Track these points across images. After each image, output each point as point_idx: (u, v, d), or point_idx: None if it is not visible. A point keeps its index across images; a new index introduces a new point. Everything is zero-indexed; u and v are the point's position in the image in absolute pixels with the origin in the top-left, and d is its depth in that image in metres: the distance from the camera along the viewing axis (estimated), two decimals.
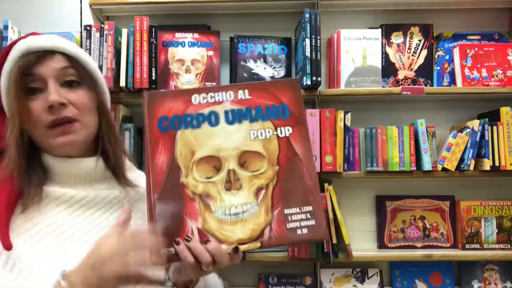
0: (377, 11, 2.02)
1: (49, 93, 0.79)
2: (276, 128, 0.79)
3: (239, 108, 0.78)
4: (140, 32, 1.79)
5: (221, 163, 0.75)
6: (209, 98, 0.78)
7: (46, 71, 0.80)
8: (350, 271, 1.95)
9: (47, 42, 0.83)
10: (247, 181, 0.75)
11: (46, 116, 0.79)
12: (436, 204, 1.98)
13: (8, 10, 1.85)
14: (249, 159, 0.75)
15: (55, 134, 0.79)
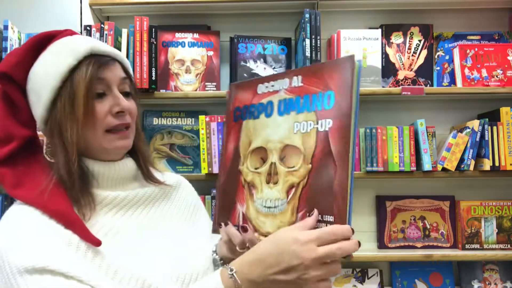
0: (377, 11, 2.02)
1: (119, 98, 0.83)
2: (317, 120, 0.70)
3: (290, 97, 0.75)
4: (140, 32, 1.79)
5: (267, 155, 0.76)
6: (270, 87, 0.78)
7: (112, 77, 0.84)
8: (350, 271, 1.95)
9: (111, 49, 0.87)
10: (282, 177, 0.74)
11: (111, 119, 0.82)
12: (436, 204, 1.98)
13: (8, 10, 1.85)
14: (288, 154, 0.74)
15: (113, 138, 0.83)
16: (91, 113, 0.81)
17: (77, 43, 0.83)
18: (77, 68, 0.81)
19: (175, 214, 0.93)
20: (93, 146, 0.83)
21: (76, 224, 0.75)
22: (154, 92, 1.82)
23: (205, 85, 1.89)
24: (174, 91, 1.87)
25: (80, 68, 0.81)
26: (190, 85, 1.88)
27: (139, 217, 0.86)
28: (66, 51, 0.82)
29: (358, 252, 1.97)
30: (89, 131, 0.81)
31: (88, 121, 0.81)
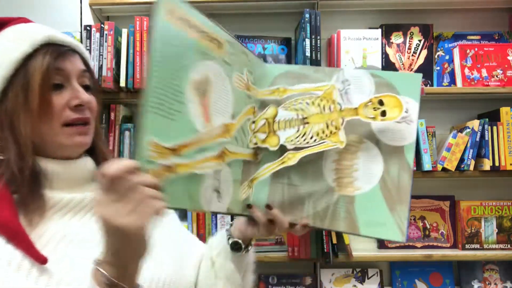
0: (377, 11, 2.02)
1: (78, 91, 0.77)
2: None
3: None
4: (140, 32, 1.79)
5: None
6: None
7: (71, 68, 0.78)
8: (350, 271, 1.95)
9: (70, 39, 0.81)
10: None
11: (69, 113, 0.76)
12: (436, 204, 1.98)
13: (8, 10, 1.85)
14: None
15: (72, 132, 0.76)
16: (47, 105, 0.74)
17: (33, 31, 0.77)
18: (32, 57, 0.74)
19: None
20: (48, 142, 0.76)
21: (19, 238, 0.65)
22: None
23: None
24: None
25: (36, 57, 0.74)
26: None
27: (91, 220, 0.76)
28: (21, 38, 0.76)
29: (358, 252, 1.99)
30: (44, 125, 0.74)
31: (43, 114, 0.74)
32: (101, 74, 1.76)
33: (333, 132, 0.72)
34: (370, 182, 0.72)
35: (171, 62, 0.59)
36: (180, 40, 0.60)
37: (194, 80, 0.62)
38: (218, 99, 0.67)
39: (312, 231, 1.81)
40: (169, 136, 0.59)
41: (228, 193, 0.71)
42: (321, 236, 1.78)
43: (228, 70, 0.69)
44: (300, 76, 0.76)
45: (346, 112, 0.73)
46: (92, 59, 1.77)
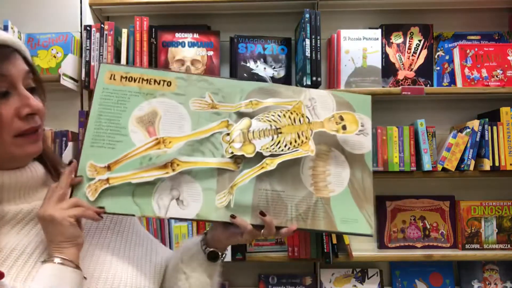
0: (377, 11, 2.02)
1: (27, 98, 0.71)
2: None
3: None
4: (140, 32, 1.79)
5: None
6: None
7: (15, 72, 0.71)
8: (350, 271, 1.95)
9: (8, 36, 0.72)
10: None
11: (21, 124, 0.70)
12: (436, 204, 1.98)
13: (8, 10, 1.85)
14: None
15: (24, 142, 0.72)
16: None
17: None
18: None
19: (97, 225, 0.81)
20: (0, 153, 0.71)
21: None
22: None
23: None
24: None
25: None
26: None
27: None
28: None
29: (358, 252, 1.99)
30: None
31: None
32: None
33: (304, 142, 0.83)
34: (341, 185, 0.83)
35: (110, 111, 0.79)
36: (121, 93, 0.80)
37: (137, 116, 0.79)
38: (170, 123, 0.80)
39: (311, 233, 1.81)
40: (106, 159, 0.77)
41: (196, 201, 0.79)
42: (321, 236, 1.78)
43: (181, 99, 0.82)
44: (272, 92, 0.85)
45: (314, 125, 0.84)
46: (92, 59, 1.77)
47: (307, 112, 0.84)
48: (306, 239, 1.81)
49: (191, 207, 0.78)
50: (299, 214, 0.81)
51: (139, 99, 0.80)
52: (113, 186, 0.76)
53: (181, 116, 0.81)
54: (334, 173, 0.83)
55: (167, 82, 0.81)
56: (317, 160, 0.83)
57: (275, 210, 0.80)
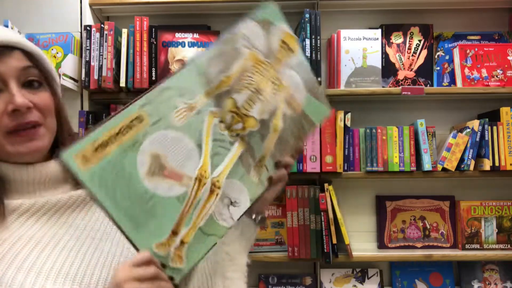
0: (377, 11, 2.02)
1: (13, 95, 0.71)
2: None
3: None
4: (140, 32, 1.79)
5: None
6: None
7: (6, 70, 0.71)
8: (350, 271, 1.95)
9: (5, 36, 0.73)
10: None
11: (8, 120, 0.71)
12: (436, 204, 1.98)
13: (8, 10, 1.85)
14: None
15: (16, 140, 0.72)
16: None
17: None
18: None
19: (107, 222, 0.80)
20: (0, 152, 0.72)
21: None
22: None
23: None
24: None
25: None
26: None
27: (58, 223, 0.75)
28: None
29: (358, 252, 1.99)
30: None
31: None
32: (101, 74, 1.76)
33: (279, 84, 0.84)
34: (303, 94, 0.88)
35: (118, 191, 0.66)
36: (110, 167, 0.66)
37: (145, 172, 0.68)
38: (176, 154, 0.72)
39: (312, 229, 1.81)
40: (161, 229, 0.69)
41: (243, 192, 0.80)
42: (321, 236, 1.78)
43: (164, 124, 0.71)
44: (223, 55, 0.78)
45: (275, 64, 0.84)
46: (92, 59, 1.77)
47: (260, 55, 0.83)
48: (306, 239, 1.81)
49: (243, 200, 0.80)
50: (295, 135, 0.88)
51: (131, 156, 0.68)
52: (190, 241, 0.72)
53: (178, 140, 0.72)
54: (293, 88, 0.87)
55: (137, 118, 0.69)
56: (279, 91, 0.87)
57: (285, 148, 0.86)
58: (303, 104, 0.89)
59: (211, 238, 0.75)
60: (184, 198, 0.71)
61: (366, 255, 1.85)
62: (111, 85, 1.76)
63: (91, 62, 1.77)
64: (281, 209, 1.92)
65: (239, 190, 0.79)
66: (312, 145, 1.79)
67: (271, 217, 1.92)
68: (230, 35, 0.79)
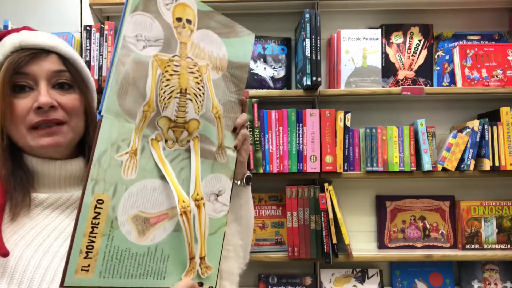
0: (377, 11, 2.02)
1: (39, 93, 0.77)
2: None
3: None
4: None
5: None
6: None
7: (39, 71, 0.78)
8: (350, 271, 1.95)
9: (43, 40, 0.80)
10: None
11: (33, 116, 0.77)
12: (436, 204, 1.98)
13: (8, 10, 1.85)
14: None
15: (37, 135, 0.78)
16: (10, 109, 0.76)
17: (12, 38, 0.79)
18: (3, 64, 0.78)
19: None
20: (22, 144, 0.79)
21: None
22: None
23: None
24: None
25: (4, 63, 0.78)
26: None
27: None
28: (3, 47, 0.79)
29: (358, 252, 1.99)
30: (13, 128, 0.78)
31: (9, 118, 0.77)
32: (101, 74, 1.76)
33: (199, 68, 0.78)
34: (219, 45, 0.82)
35: (125, 268, 0.68)
36: (105, 260, 0.66)
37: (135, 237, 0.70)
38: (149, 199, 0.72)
39: (312, 229, 1.81)
40: (182, 264, 0.75)
41: (221, 179, 0.83)
42: (321, 236, 1.78)
43: (121, 188, 0.69)
44: (128, 79, 0.70)
45: (181, 51, 0.76)
46: (92, 59, 1.78)
47: (165, 54, 0.74)
48: (306, 239, 1.81)
49: (225, 184, 0.84)
50: (234, 91, 0.86)
51: (117, 234, 0.68)
52: (206, 253, 0.79)
53: (144, 189, 0.71)
54: (209, 47, 0.80)
55: (98, 203, 0.66)
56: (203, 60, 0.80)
57: (231, 111, 0.85)
58: (225, 54, 0.83)
59: (220, 231, 0.81)
60: (179, 227, 0.74)
61: (366, 255, 1.85)
62: None
63: (91, 62, 1.77)
64: (281, 209, 1.92)
65: (216, 180, 0.82)
66: (312, 145, 1.79)
67: (271, 217, 1.93)
68: (119, 50, 0.69)
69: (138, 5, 0.71)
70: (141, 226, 0.71)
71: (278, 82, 1.94)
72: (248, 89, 1.88)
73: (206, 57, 0.80)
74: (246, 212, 0.96)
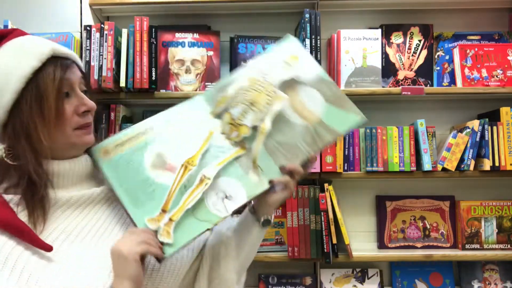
0: (377, 11, 2.02)
1: (83, 98, 0.86)
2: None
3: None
4: (140, 32, 1.79)
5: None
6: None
7: (73, 78, 0.86)
8: (350, 271, 1.95)
9: (68, 50, 0.89)
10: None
11: (78, 119, 0.85)
12: (436, 204, 1.98)
13: (8, 10, 1.85)
14: None
15: (81, 133, 0.86)
16: (61, 113, 0.83)
17: (37, 45, 0.85)
18: (41, 70, 0.82)
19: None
20: (60, 145, 0.85)
21: (23, 232, 0.76)
22: (154, 92, 1.82)
23: (205, 85, 1.89)
24: (174, 91, 1.87)
25: (45, 70, 0.82)
26: (190, 85, 1.88)
27: (97, 215, 0.87)
28: (26, 53, 0.83)
29: (358, 252, 1.99)
30: (57, 131, 0.83)
31: (58, 121, 0.82)
32: (101, 74, 1.76)
33: (274, 96, 0.95)
34: (321, 105, 0.96)
35: (127, 176, 0.88)
36: (123, 159, 0.89)
37: (149, 165, 0.89)
38: (176, 150, 0.91)
39: (312, 229, 1.81)
40: (155, 208, 0.86)
41: (239, 189, 0.90)
42: (321, 236, 1.78)
43: (171, 130, 0.93)
44: (228, 83, 0.97)
45: (270, 79, 0.96)
46: (92, 59, 1.78)
47: (260, 76, 0.96)
48: (306, 239, 1.81)
49: (239, 195, 0.90)
50: (308, 143, 0.94)
51: (140, 154, 0.90)
52: (178, 221, 0.85)
53: (180, 139, 0.92)
54: (308, 101, 0.96)
55: (147, 129, 0.92)
56: (292, 102, 0.96)
57: (292, 154, 0.93)
58: (321, 114, 0.95)
59: (203, 224, 0.86)
60: (167, 185, 0.88)
61: (366, 255, 1.85)
62: (111, 85, 1.76)
63: (91, 62, 1.77)
64: (281, 209, 1.92)
65: (235, 187, 0.90)
66: None
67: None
68: (246, 67, 0.98)
69: (291, 54, 0.99)
70: (157, 162, 0.89)
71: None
72: None
73: (297, 101, 0.96)
74: (249, 250, 0.98)
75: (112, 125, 1.82)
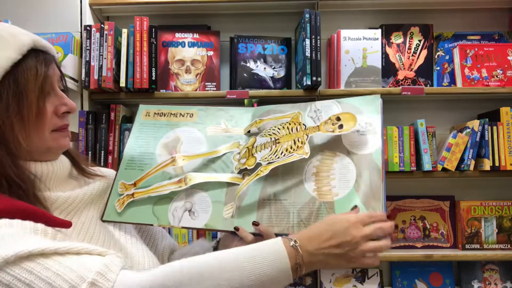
0: (377, 11, 2.02)
1: (63, 98, 0.80)
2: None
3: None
4: (140, 32, 1.79)
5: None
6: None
7: (53, 74, 0.78)
8: (350, 271, 1.95)
9: (50, 45, 0.81)
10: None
11: (56, 120, 0.78)
12: (436, 204, 1.98)
13: (8, 10, 1.85)
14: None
15: (58, 136, 0.80)
16: (42, 113, 0.75)
17: (15, 34, 0.75)
18: (21, 63, 0.73)
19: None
20: (35, 147, 0.76)
21: (37, 213, 0.68)
22: (154, 92, 1.82)
23: (205, 85, 1.89)
24: (174, 91, 1.87)
25: (25, 64, 0.73)
26: (190, 85, 1.88)
27: (88, 215, 0.83)
28: (4, 43, 0.73)
29: None
30: (35, 132, 0.75)
31: (37, 122, 0.74)
32: (101, 74, 1.76)
33: (300, 147, 0.86)
34: (346, 187, 0.82)
35: (143, 141, 0.95)
36: (153, 126, 0.97)
37: (164, 143, 0.95)
38: (189, 146, 0.94)
39: None
40: (134, 178, 0.91)
41: (206, 212, 0.87)
42: None
43: (200, 127, 0.96)
44: (277, 111, 0.94)
45: (310, 129, 0.88)
46: (92, 59, 1.78)
47: (310, 121, 0.89)
48: None
49: (201, 218, 0.87)
50: (301, 220, 0.82)
51: (167, 129, 0.96)
52: (137, 199, 0.88)
53: (199, 141, 0.94)
54: (339, 176, 0.83)
55: (190, 114, 0.97)
56: (321, 166, 0.85)
57: (278, 218, 0.83)
58: (339, 196, 0.81)
59: (152, 218, 0.88)
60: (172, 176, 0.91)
61: None
62: (111, 85, 1.76)
63: (91, 62, 1.77)
64: None
65: (204, 209, 0.88)
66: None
67: None
68: (304, 104, 0.93)
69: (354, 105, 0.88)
70: (170, 144, 0.94)
71: (278, 82, 1.94)
72: (248, 89, 1.88)
73: (324, 168, 0.85)
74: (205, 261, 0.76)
75: (112, 125, 1.82)
